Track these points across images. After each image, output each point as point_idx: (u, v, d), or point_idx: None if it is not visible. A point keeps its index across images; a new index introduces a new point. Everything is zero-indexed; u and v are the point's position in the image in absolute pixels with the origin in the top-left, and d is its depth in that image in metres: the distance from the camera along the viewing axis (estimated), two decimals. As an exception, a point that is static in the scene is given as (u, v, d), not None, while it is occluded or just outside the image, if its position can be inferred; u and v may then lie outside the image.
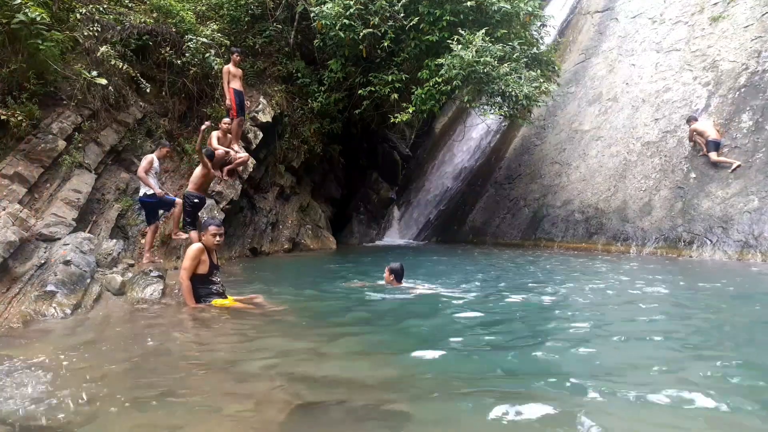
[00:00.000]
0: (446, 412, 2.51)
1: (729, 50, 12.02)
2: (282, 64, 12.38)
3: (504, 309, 5.19)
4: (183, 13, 10.15)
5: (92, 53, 8.57)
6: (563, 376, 2.99)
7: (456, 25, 11.22)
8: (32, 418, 2.43)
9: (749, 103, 10.84)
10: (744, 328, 4.36)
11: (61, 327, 4.44)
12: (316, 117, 12.82)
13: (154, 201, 7.66)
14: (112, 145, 8.58)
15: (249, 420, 2.44)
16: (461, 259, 10.70)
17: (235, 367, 3.34)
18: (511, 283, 6.90)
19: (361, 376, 3.15)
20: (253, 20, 12.18)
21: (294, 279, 7.61)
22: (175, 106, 10.07)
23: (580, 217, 12.26)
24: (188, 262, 5.16)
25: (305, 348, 3.81)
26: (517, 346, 3.75)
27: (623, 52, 15.06)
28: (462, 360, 3.43)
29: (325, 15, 11.15)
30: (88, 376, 3.07)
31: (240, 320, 4.75)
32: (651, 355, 3.49)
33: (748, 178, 9.79)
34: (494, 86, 11.03)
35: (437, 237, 16.54)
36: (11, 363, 3.38)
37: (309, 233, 13.02)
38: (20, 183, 6.89)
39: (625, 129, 13.04)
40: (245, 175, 10.53)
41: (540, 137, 15.57)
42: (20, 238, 5.50)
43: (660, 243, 10.24)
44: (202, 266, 5.20)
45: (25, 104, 7.24)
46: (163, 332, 4.42)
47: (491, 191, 15.74)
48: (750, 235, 9.02)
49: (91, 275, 5.57)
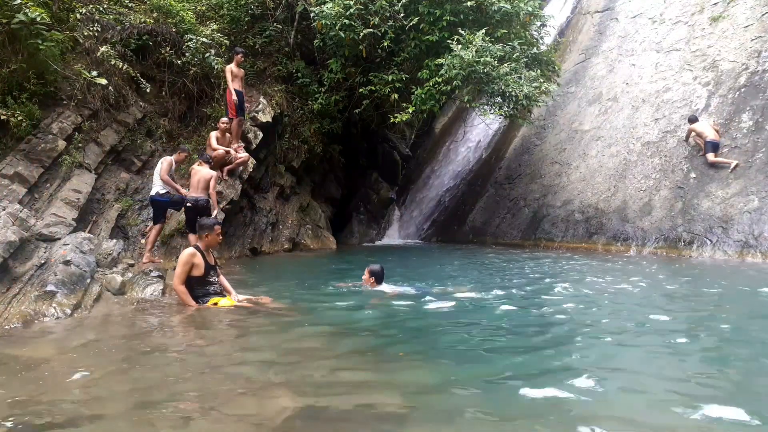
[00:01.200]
0: (446, 413, 2.51)
1: (729, 50, 12.02)
2: (282, 64, 12.38)
3: (503, 309, 5.18)
4: (183, 13, 10.15)
5: (92, 53, 8.58)
6: (562, 376, 2.99)
7: (456, 25, 11.22)
8: (32, 417, 2.43)
9: (749, 103, 10.85)
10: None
11: (61, 327, 4.43)
12: (316, 117, 12.83)
13: (165, 201, 7.69)
14: (112, 145, 8.58)
15: (249, 420, 2.44)
16: (455, 258, 10.71)
17: (235, 366, 3.34)
18: (509, 284, 6.90)
19: (362, 376, 3.15)
20: (253, 20, 12.18)
21: (294, 279, 7.61)
22: (175, 106, 10.07)
23: (580, 217, 12.26)
24: (179, 268, 5.17)
25: (305, 347, 3.81)
26: (517, 346, 3.75)
27: (623, 52, 15.06)
28: (461, 360, 3.43)
29: (325, 15, 11.15)
30: (88, 376, 3.06)
31: (240, 320, 4.75)
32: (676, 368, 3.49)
33: (748, 178, 9.79)
34: (494, 86, 11.03)
35: (437, 237, 16.54)
36: (11, 363, 3.38)
37: (309, 233, 13.02)
38: (20, 183, 6.89)
39: (625, 129, 13.04)
40: (245, 175, 10.52)
41: (540, 137, 15.57)
42: (20, 238, 5.49)
43: (660, 243, 10.24)
44: (196, 269, 5.20)
45: (25, 104, 7.25)
46: (163, 332, 4.42)
47: (491, 191, 15.74)
48: (750, 235, 9.02)
49: (91, 275, 5.57)
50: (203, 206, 7.56)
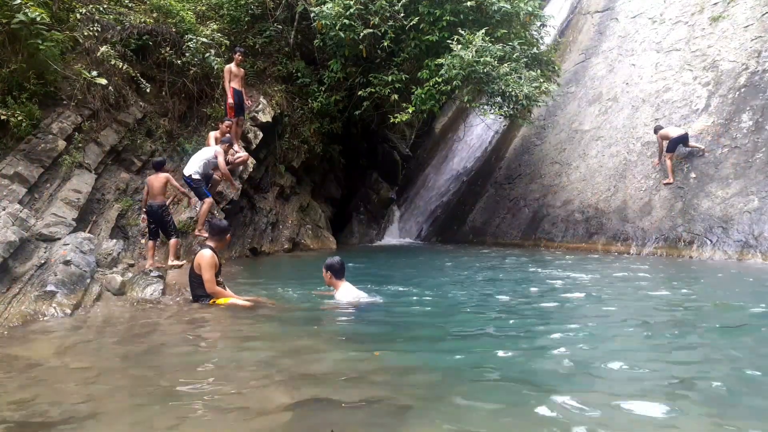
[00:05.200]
0: (447, 410, 2.51)
1: (729, 50, 12.02)
2: (282, 64, 12.38)
3: (501, 310, 5.19)
4: (183, 13, 10.14)
5: (92, 53, 8.58)
6: (562, 377, 3.00)
7: (456, 25, 11.21)
8: (32, 417, 2.43)
9: (749, 103, 10.85)
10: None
11: (61, 327, 4.44)
12: (316, 117, 12.82)
13: (192, 185, 8.23)
14: (112, 145, 8.58)
15: (249, 419, 2.44)
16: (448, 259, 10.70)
17: (235, 365, 3.34)
18: (508, 285, 6.91)
19: (362, 374, 3.15)
20: (253, 20, 12.17)
21: (294, 279, 7.61)
22: (175, 106, 10.06)
23: (580, 217, 12.26)
24: (209, 272, 5.21)
25: (306, 346, 3.81)
26: (517, 344, 3.75)
27: (623, 52, 15.06)
28: (461, 359, 3.44)
29: (325, 15, 11.15)
30: (88, 376, 3.07)
31: (240, 319, 4.75)
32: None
33: (748, 178, 9.79)
34: (494, 86, 11.02)
35: (437, 237, 16.54)
36: (12, 363, 3.38)
37: (309, 233, 13.02)
38: (20, 183, 6.89)
39: (625, 129, 13.04)
40: (245, 175, 10.53)
41: (540, 137, 15.57)
42: (20, 238, 5.50)
43: (660, 243, 10.24)
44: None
45: (25, 104, 7.24)
46: (162, 332, 4.42)
47: (491, 191, 15.74)
48: (750, 235, 9.02)
49: (91, 275, 5.58)
50: (156, 211, 7.34)
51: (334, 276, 5.23)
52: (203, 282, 5.22)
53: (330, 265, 5.22)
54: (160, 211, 7.33)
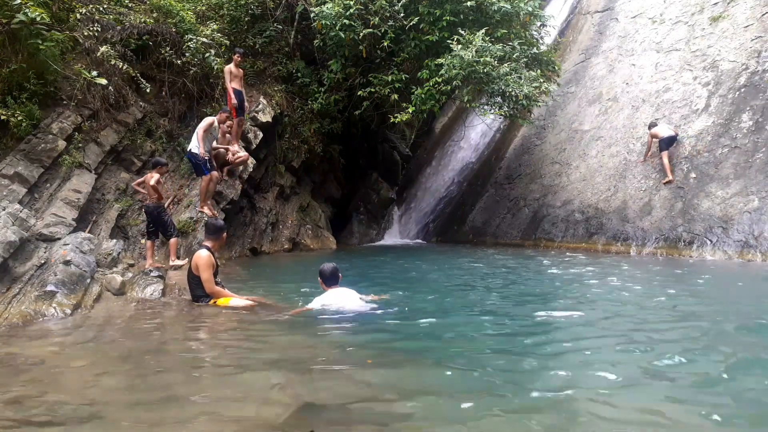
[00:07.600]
0: (446, 413, 2.51)
1: (729, 50, 12.02)
2: (282, 64, 12.38)
3: (500, 312, 5.19)
4: (183, 13, 10.15)
5: (92, 53, 8.58)
6: (562, 377, 2.99)
7: (456, 25, 11.21)
8: (33, 417, 2.43)
9: (749, 103, 10.84)
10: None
11: (61, 327, 4.44)
12: (316, 117, 12.82)
13: (194, 161, 8.40)
14: (112, 145, 8.58)
15: (249, 419, 2.44)
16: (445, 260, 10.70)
17: (235, 366, 3.34)
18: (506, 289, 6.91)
19: (362, 376, 3.14)
20: (253, 20, 12.18)
21: (294, 279, 7.61)
22: (175, 106, 10.07)
23: (580, 217, 12.26)
24: (206, 272, 5.23)
25: (306, 347, 3.81)
26: (517, 344, 3.75)
27: (623, 52, 15.05)
28: (461, 361, 3.44)
29: (325, 15, 11.15)
30: (88, 376, 3.07)
31: (240, 320, 4.75)
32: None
33: (748, 178, 9.79)
34: (494, 86, 11.02)
35: (437, 237, 16.54)
36: (12, 362, 3.38)
37: (309, 233, 13.02)
38: (20, 183, 6.89)
39: (625, 129, 13.03)
40: (245, 175, 10.53)
41: (540, 137, 15.57)
42: (20, 238, 5.50)
43: (660, 243, 10.24)
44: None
45: (25, 104, 7.25)
46: (163, 332, 4.42)
47: (491, 191, 15.73)
48: (750, 235, 9.02)
49: (91, 275, 5.58)
50: (152, 212, 7.32)
51: (324, 283, 5.12)
52: (202, 282, 5.23)
53: (320, 272, 5.13)
54: (156, 212, 7.32)
